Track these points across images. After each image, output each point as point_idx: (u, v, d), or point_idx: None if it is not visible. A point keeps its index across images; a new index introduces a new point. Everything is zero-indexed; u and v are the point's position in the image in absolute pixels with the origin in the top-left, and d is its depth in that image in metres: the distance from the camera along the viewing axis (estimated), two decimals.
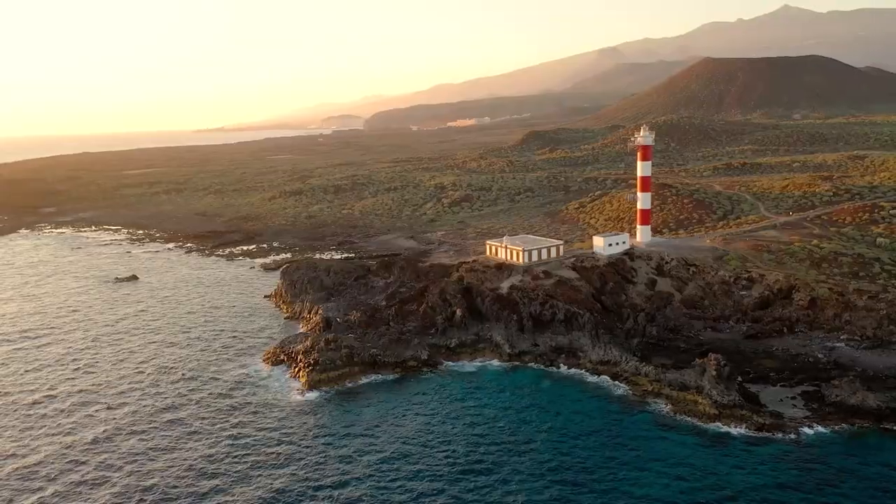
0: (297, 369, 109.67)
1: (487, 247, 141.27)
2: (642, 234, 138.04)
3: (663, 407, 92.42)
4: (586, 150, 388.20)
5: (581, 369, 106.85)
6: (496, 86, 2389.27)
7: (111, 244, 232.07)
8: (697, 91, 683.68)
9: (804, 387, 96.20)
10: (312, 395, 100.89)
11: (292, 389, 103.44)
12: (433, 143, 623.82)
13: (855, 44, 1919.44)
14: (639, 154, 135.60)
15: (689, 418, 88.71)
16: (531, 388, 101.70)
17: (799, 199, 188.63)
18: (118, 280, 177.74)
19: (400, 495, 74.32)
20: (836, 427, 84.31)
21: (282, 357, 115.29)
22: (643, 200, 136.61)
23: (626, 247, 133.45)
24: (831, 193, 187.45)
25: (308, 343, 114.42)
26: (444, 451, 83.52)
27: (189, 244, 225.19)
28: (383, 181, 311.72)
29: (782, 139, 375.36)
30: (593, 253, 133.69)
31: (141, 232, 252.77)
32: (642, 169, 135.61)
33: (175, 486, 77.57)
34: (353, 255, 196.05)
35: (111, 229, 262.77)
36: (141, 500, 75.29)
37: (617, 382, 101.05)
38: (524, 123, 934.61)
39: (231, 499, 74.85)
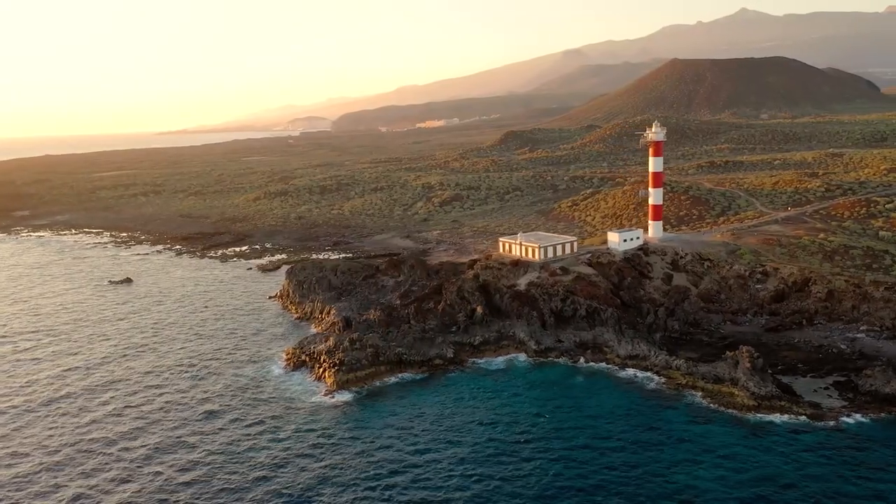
0: (321, 370, 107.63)
1: (500, 244, 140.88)
2: (654, 230, 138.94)
3: (700, 399, 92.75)
4: (566, 150, 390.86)
5: (609, 364, 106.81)
6: (461, 87, 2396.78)
7: (96, 247, 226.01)
8: (667, 92, 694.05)
9: (835, 377, 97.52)
10: (343, 396, 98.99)
11: (320, 390, 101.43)
12: (407, 144, 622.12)
13: (811, 46, 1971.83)
14: (651, 150, 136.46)
15: (728, 410, 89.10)
16: (564, 384, 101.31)
17: (792, 195, 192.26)
18: (112, 283, 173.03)
19: (456, 491, 73.21)
20: (875, 416, 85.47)
21: (303, 358, 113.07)
22: (655, 196, 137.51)
23: (640, 242, 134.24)
24: (823, 189, 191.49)
25: (330, 343, 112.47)
26: (490, 447, 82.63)
27: (178, 246, 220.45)
28: (368, 181, 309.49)
29: (757, 138, 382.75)
30: (608, 248, 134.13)
31: (125, 234, 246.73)
32: (654, 165, 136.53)
33: (226, 485, 75.35)
34: (351, 255, 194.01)
35: (93, 232, 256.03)
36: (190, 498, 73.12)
37: (649, 375, 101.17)
38: (494, 124, 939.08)
39: (283, 497, 72.99)
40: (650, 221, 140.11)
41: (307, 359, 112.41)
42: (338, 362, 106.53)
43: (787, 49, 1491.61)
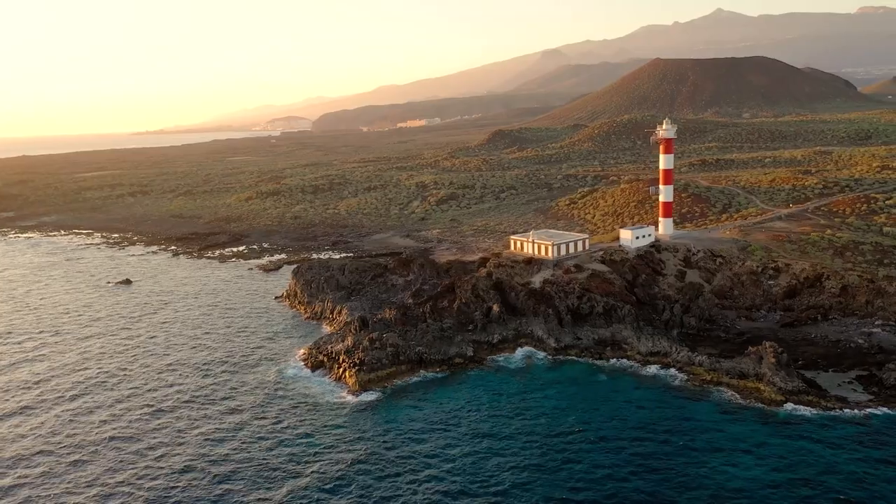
0: (340, 370, 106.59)
1: (512, 242, 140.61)
2: (665, 227, 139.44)
3: (727, 395, 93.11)
4: (556, 149, 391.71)
5: (631, 361, 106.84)
6: (441, 87, 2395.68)
7: (89, 248, 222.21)
8: (650, 91, 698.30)
9: (856, 371, 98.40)
10: (369, 395, 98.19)
11: (342, 390, 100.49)
12: (392, 143, 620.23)
13: (785, 46, 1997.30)
14: (661, 147, 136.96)
15: (757, 404, 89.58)
16: (588, 381, 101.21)
17: (790, 192, 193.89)
18: (111, 284, 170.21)
19: (497, 483, 72.74)
20: None
21: (320, 358, 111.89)
22: (666, 193, 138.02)
23: (652, 239, 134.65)
24: (821, 186, 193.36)
25: (349, 343, 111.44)
26: (525, 442, 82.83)
27: (173, 247, 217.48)
28: (361, 181, 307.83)
29: (744, 136, 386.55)
30: (620, 245, 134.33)
31: (117, 235, 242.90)
32: (665, 162, 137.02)
33: (264, 484, 74.16)
34: (351, 254, 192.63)
35: (83, 233, 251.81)
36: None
37: (672, 372, 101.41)
38: (476, 124, 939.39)
39: (322, 494, 72.02)
40: (660, 218, 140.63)
41: (325, 359, 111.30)
42: (358, 362, 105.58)
43: (762, 49, 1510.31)
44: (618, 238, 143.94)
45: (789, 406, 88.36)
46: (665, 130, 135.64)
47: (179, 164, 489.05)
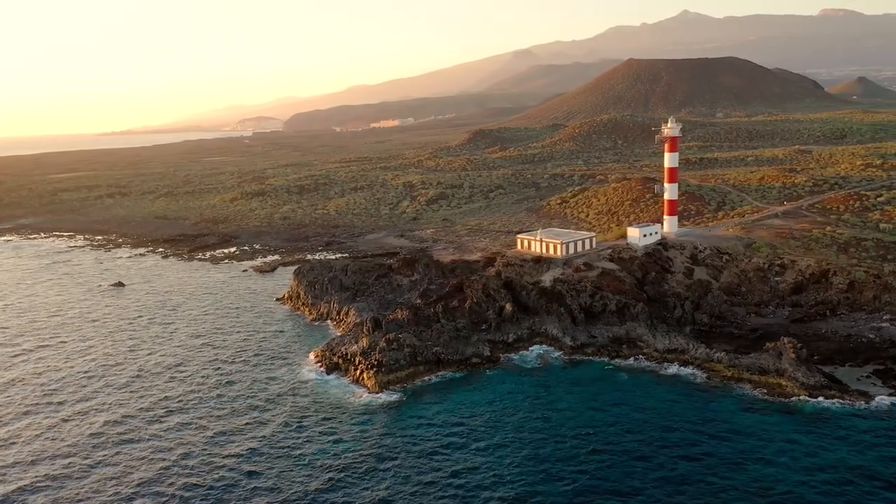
0: (358, 371, 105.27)
1: (519, 241, 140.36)
2: (670, 225, 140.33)
3: (750, 391, 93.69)
4: (538, 149, 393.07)
5: (648, 359, 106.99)
6: (413, 87, 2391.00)
7: (73, 251, 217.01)
8: (624, 91, 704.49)
9: (872, 366, 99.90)
10: (391, 396, 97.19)
11: (362, 391, 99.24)
12: (370, 144, 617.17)
13: (750, 47, 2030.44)
14: (666, 146, 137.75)
15: (781, 399, 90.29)
16: (607, 379, 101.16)
17: (781, 190, 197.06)
18: (104, 287, 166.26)
19: (532, 482, 72.23)
20: None
21: (335, 360, 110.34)
22: (670, 191, 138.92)
23: (659, 237, 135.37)
24: (811, 184, 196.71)
25: (364, 344, 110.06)
26: (554, 441, 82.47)
27: (161, 249, 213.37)
28: (346, 181, 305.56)
29: (723, 136, 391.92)
30: (627, 244, 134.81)
31: (100, 237, 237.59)
32: (670, 160, 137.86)
33: (298, 488, 72.69)
34: (347, 255, 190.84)
35: (64, 235, 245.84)
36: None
37: (692, 369, 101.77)
38: (451, 124, 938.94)
39: (357, 497, 70.98)
40: (665, 216, 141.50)
41: (340, 361, 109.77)
42: (375, 363, 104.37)
43: (728, 50, 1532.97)
44: (621, 236, 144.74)
45: (813, 401, 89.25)
46: (670, 129, 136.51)
47: (155, 165, 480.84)
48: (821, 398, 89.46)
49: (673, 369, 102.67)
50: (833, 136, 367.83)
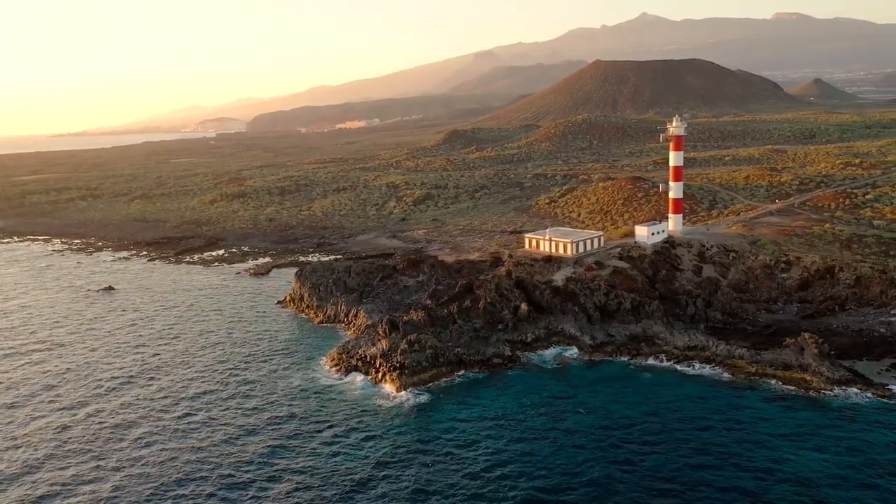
0: (379, 374, 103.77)
1: (527, 240, 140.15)
2: (675, 223, 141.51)
3: (777, 386, 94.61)
4: (515, 149, 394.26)
5: (668, 357, 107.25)
6: (375, 88, 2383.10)
7: (52, 255, 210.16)
8: (592, 92, 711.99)
9: (889, 360, 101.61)
10: (415, 398, 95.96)
11: (388, 393, 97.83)
12: (340, 145, 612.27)
13: (707, 49, 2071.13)
14: (671, 144, 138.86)
15: (809, 393, 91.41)
16: (631, 378, 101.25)
17: (768, 188, 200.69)
18: (94, 292, 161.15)
19: (577, 477, 71.86)
20: None
21: (353, 362, 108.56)
22: (675, 190, 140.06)
23: (665, 235, 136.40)
24: (797, 183, 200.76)
25: (383, 346, 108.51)
26: (590, 439, 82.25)
27: (145, 252, 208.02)
28: (327, 182, 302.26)
29: (696, 136, 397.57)
30: (636, 242, 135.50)
31: (78, 241, 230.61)
32: (674, 159, 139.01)
33: (343, 490, 71.05)
34: (340, 256, 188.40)
35: (40, 240, 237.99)
36: None
37: (714, 366, 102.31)
38: (419, 124, 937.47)
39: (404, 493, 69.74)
40: (670, 214, 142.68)
41: (359, 363, 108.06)
42: (397, 365, 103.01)
43: (687, 52, 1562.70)
44: (625, 235, 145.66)
45: (840, 394, 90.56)
46: (675, 128, 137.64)
47: (122, 167, 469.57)
48: (848, 392, 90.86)
49: (696, 366, 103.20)
50: (802, 136, 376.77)
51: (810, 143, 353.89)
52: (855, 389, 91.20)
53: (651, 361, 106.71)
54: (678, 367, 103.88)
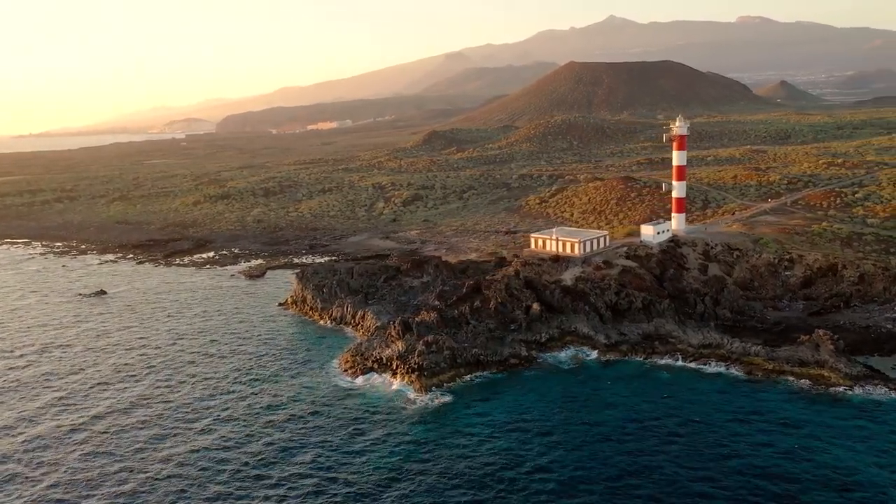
0: (397, 376, 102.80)
1: (532, 240, 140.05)
2: (678, 222, 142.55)
3: (796, 383, 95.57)
4: (497, 150, 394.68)
5: (683, 355, 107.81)
6: (345, 89, 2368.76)
7: (35, 258, 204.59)
8: (567, 93, 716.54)
9: None
10: (444, 398, 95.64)
11: (410, 394, 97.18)
12: (316, 146, 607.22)
13: (674, 52, 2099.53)
14: (674, 144, 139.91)
15: (830, 390, 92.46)
16: (649, 376, 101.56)
17: (758, 188, 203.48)
18: (86, 296, 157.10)
19: (611, 475, 71.78)
20: None
21: (369, 364, 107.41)
22: (679, 189, 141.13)
23: (670, 234, 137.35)
24: (785, 182, 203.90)
25: (399, 347, 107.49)
26: (618, 437, 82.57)
27: (131, 255, 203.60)
28: (311, 183, 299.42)
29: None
30: (641, 241, 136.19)
31: (60, 244, 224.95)
32: (678, 159, 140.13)
33: (388, 487, 70.15)
34: (335, 258, 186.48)
35: (19, 243, 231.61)
36: None
37: (731, 364, 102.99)
38: (392, 125, 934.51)
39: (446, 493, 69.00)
40: (674, 214, 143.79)
41: (375, 365, 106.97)
42: (416, 367, 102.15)
43: (655, 54, 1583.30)
44: (628, 235, 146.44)
45: (860, 391, 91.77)
46: (679, 127, 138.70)
47: (96, 168, 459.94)
48: (866, 388, 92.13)
49: (712, 365, 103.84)
50: (778, 137, 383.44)
51: (786, 143, 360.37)
52: (873, 385, 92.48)
53: (667, 360, 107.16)
54: (695, 365, 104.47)
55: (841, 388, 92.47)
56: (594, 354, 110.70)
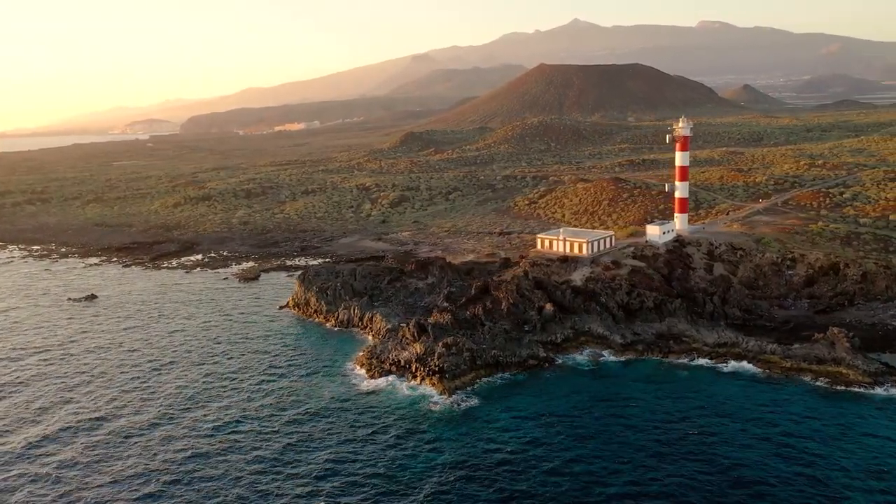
0: (417, 378, 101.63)
1: (539, 240, 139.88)
2: (681, 222, 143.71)
3: (815, 381, 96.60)
4: (476, 151, 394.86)
5: (700, 354, 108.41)
6: (311, 90, 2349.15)
7: (13, 262, 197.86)
8: (538, 95, 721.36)
9: None
10: (469, 399, 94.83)
11: (433, 396, 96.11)
12: (288, 147, 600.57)
13: (637, 55, 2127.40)
14: (677, 145, 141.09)
15: (850, 388, 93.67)
16: (669, 377, 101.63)
17: (745, 188, 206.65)
18: (76, 300, 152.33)
19: (646, 475, 71.77)
20: None
21: (386, 367, 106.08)
22: (681, 189, 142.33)
23: (674, 234, 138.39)
24: (772, 183, 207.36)
25: (418, 349, 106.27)
26: (647, 435, 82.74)
27: (116, 258, 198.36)
28: (293, 184, 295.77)
29: (650, 138, 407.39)
30: (647, 241, 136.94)
31: (37, 247, 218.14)
32: (681, 159, 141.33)
33: (426, 490, 69.02)
34: (329, 259, 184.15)
35: None
36: None
37: (748, 362, 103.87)
38: (362, 127, 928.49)
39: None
40: (676, 214, 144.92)
41: (393, 367, 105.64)
42: (437, 369, 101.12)
43: (619, 57, 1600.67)
44: (631, 235, 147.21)
45: (880, 388, 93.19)
46: (681, 128, 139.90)
47: (62, 170, 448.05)
48: (886, 385, 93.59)
49: (730, 363, 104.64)
50: (751, 139, 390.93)
51: (759, 145, 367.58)
52: (893, 382, 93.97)
53: (683, 360, 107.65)
54: (712, 364, 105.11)
55: (861, 387, 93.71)
56: (610, 355, 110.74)
